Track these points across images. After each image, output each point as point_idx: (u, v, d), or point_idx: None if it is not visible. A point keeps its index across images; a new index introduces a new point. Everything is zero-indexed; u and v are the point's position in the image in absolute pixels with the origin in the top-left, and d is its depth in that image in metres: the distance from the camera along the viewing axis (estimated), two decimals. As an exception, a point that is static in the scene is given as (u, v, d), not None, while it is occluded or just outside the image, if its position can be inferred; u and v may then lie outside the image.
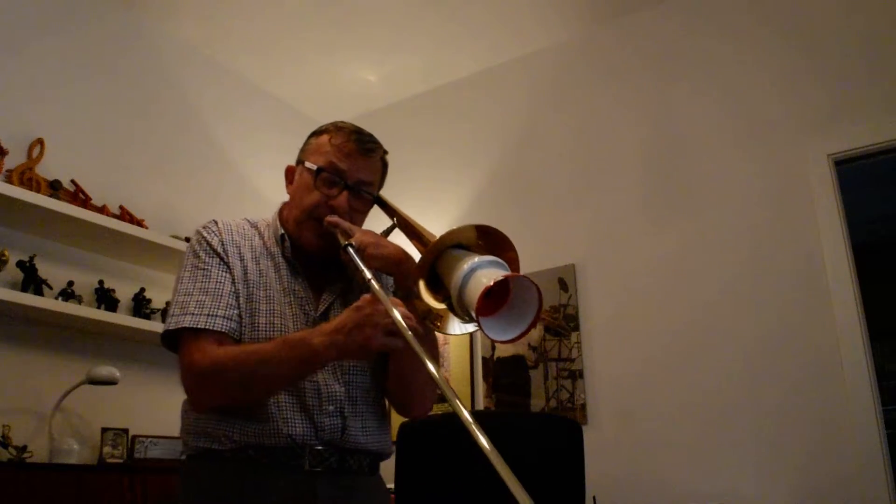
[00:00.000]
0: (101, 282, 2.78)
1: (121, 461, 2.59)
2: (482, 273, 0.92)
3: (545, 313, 3.17)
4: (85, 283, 2.74)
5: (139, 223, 2.89)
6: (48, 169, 2.69)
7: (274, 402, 1.22)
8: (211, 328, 1.22)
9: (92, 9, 3.09)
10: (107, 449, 2.60)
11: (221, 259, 1.30)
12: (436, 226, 3.55)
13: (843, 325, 2.52)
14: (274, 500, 1.19)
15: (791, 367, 2.59)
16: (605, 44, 3.42)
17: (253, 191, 3.60)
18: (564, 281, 3.17)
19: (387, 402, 1.43)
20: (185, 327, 1.22)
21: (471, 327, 0.99)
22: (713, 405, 2.70)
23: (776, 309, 2.67)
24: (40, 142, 2.69)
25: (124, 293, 2.86)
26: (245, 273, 1.31)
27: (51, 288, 2.60)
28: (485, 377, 3.28)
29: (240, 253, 1.33)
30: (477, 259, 0.94)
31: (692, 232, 2.94)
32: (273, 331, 1.27)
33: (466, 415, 0.80)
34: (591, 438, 2.18)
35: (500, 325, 0.93)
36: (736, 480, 2.59)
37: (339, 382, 1.28)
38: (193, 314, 1.23)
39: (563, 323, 3.13)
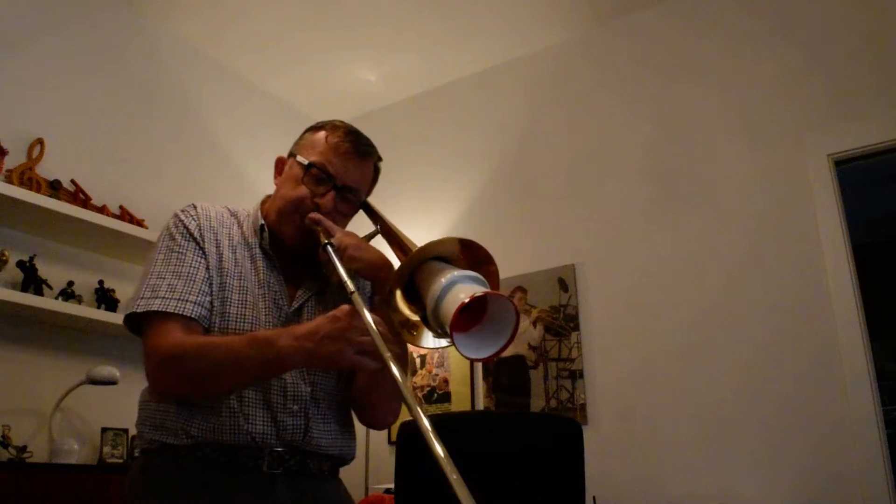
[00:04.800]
0: (101, 282, 2.78)
1: (121, 461, 2.60)
2: (460, 288, 0.89)
3: (545, 313, 3.17)
4: (85, 283, 2.74)
5: (139, 223, 2.89)
6: (48, 169, 2.69)
7: (236, 396, 1.18)
8: (181, 313, 1.18)
9: (92, 8, 3.09)
10: (107, 449, 2.60)
11: (197, 244, 1.26)
12: (436, 226, 3.59)
13: (843, 325, 2.52)
14: (231, 501, 1.15)
15: (791, 368, 2.59)
16: (605, 43, 3.42)
17: (253, 190, 3.59)
18: (564, 281, 3.17)
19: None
20: (152, 310, 1.18)
21: (444, 342, 0.97)
22: (713, 405, 2.70)
23: (776, 309, 2.67)
24: (40, 142, 2.69)
25: (124, 293, 2.85)
26: (220, 261, 1.27)
27: (51, 288, 2.60)
28: (485, 377, 3.28)
29: (216, 240, 1.29)
30: (456, 273, 0.92)
31: (692, 232, 2.94)
32: (243, 322, 1.23)
33: (428, 424, 0.80)
34: (591, 438, 2.18)
35: (474, 342, 0.91)
36: (736, 480, 2.59)
37: (305, 382, 1.25)
38: (164, 298, 1.18)
39: (563, 323, 3.12)
